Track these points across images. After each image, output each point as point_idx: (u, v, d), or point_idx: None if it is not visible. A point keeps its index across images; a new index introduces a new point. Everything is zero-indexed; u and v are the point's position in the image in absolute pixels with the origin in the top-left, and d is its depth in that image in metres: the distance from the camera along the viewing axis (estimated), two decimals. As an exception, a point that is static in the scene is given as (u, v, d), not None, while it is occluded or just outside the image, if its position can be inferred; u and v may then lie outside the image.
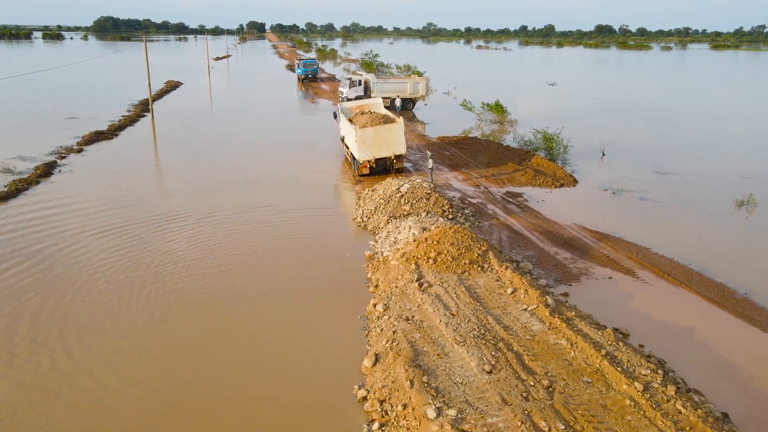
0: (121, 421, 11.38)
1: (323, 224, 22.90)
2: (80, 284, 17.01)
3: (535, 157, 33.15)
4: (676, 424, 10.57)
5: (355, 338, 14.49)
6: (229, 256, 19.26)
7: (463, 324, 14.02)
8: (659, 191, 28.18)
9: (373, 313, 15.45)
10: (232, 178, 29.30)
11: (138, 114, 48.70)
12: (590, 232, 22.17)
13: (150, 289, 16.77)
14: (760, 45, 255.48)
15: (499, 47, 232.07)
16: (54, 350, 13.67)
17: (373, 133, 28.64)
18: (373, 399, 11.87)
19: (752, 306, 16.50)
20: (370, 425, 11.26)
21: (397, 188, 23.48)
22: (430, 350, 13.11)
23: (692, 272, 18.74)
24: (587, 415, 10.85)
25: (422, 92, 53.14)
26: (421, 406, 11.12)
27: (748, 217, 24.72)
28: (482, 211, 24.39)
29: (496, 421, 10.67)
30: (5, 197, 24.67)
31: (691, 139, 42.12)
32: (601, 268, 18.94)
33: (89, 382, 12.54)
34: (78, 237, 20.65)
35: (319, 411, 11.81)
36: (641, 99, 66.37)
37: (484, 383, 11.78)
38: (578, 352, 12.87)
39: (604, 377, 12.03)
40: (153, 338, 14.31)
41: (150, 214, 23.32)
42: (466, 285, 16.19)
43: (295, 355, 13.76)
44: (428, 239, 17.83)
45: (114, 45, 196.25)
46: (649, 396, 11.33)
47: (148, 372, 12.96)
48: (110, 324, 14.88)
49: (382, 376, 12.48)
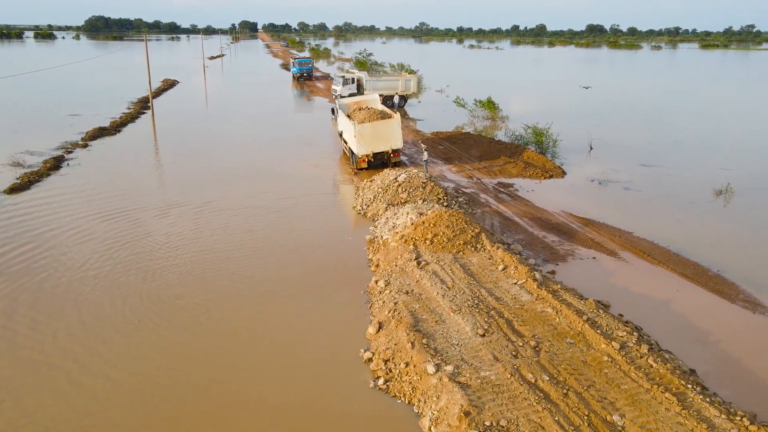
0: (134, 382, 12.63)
1: (326, 212, 24.21)
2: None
3: (525, 151, 34.55)
4: (647, 376, 11.95)
5: (359, 310, 15.79)
6: (240, 239, 20.50)
7: (458, 296, 15.35)
8: (643, 182, 29.66)
9: (374, 288, 16.75)
10: (236, 170, 30.49)
11: (138, 111, 49.74)
12: (577, 218, 23.57)
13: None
14: (749, 45, 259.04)
15: (491, 47, 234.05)
16: (70, 319, 14.90)
17: (371, 128, 29.85)
18: (378, 359, 13.17)
19: (723, 281, 17.94)
20: (375, 381, 12.56)
21: (395, 178, 24.77)
22: (429, 318, 14.43)
23: (670, 253, 20.17)
24: (569, 369, 12.21)
25: (413, 89, 54.35)
26: (422, 363, 12.44)
27: (726, 205, 26.20)
28: (475, 200, 25.75)
29: (489, 374, 12.00)
30: (20, 188, 25.77)
31: (675, 135, 43.72)
32: (586, 250, 20.34)
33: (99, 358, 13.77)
34: (96, 221, 21.84)
35: (329, 371, 13.08)
36: (630, 97, 68.07)
37: (477, 344, 13.11)
38: (562, 318, 14.24)
39: (585, 338, 13.40)
40: (168, 306, 15.56)
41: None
42: (460, 263, 17.52)
43: (303, 325, 15.03)
44: (425, 222, 19.16)
45: (106, 45, 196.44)
46: (624, 353, 12.71)
47: (173, 331, 14.21)
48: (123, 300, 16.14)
49: (385, 340, 13.78)
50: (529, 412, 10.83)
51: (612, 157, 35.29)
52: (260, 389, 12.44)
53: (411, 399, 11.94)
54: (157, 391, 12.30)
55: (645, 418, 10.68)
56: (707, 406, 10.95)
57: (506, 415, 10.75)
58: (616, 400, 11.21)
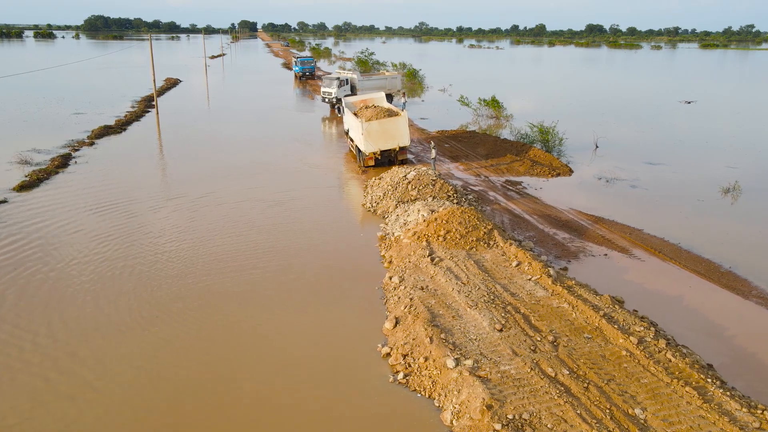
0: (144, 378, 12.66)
1: (336, 209, 24.26)
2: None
3: (531, 149, 34.59)
4: (666, 370, 12.00)
5: (374, 306, 15.83)
6: (250, 235, 20.53)
7: (473, 291, 15.39)
8: (650, 180, 29.71)
9: (389, 284, 16.79)
10: (241, 168, 30.53)
11: (142, 110, 49.73)
12: (586, 216, 23.62)
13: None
14: (748, 44, 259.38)
15: (491, 46, 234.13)
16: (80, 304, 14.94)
17: (378, 126, 29.92)
18: (396, 354, 13.21)
19: (735, 278, 18.00)
20: (395, 375, 12.60)
21: (404, 175, 24.83)
22: (445, 313, 14.47)
23: (681, 250, 20.22)
24: (589, 363, 12.26)
25: (399, 87, 53.16)
26: (441, 357, 12.48)
27: (733, 203, 26.26)
28: (484, 198, 25.80)
29: (509, 368, 12.05)
30: (29, 186, 25.80)
31: (679, 134, 43.79)
32: (597, 247, 20.39)
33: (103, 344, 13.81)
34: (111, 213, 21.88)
35: (348, 366, 13.11)
36: (633, 95, 68.13)
37: (496, 339, 13.16)
38: (579, 314, 14.28)
39: (603, 333, 13.45)
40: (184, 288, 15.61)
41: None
42: (474, 259, 17.57)
43: (320, 320, 15.07)
44: (438, 219, 19.20)
45: (106, 44, 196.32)
46: (642, 348, 12.76)
47: (189, 321, 14.25)
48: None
49: (403, 335, 13.82)
50: (551, 405, 10.88)
51: (617, 155, 35.33)
52: (279, 387, 12.43)
53: (431, 393, 11.98)
54: (179, 387, 12.34)
55: (666, 411, 10.73)
56: (728, 400, 11.00)
57: (528, 408, 10.80)
58: (636, 394, 11.25)
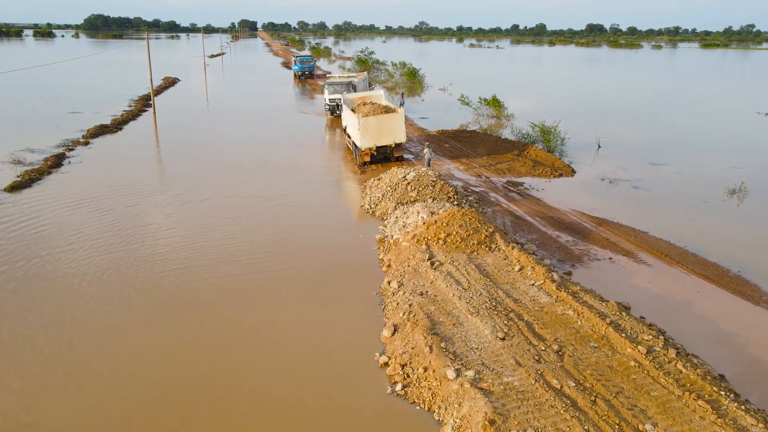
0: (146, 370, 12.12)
1: (334, 210, 23.73)
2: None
3: (533, 149, 34.04)
4: (677, 382, 11.45)
5: (372, 312, 15.28)
6: (246, 235, 19.99)
7: (475, 297, 14.84)
8: (653, 181, 29.15)
9: (387, 289, 16.23)
10: (240, 167, 29.98)
11: (139, 109, 49.18)
12: (589, 218, 23.07)
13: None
14: (749, 44, 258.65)
15: (491, 46, 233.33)
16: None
17: (375, 121, 29.68)
18: (394, 364, 12.66)
19: (745, 282, 17.45)
20: (393, 386, 12.05)
21: (404, 176, 24.27)
22: (446, 320, 13.92)
23: (688, 253, 19.67)
24: (595, 374, 11.71)
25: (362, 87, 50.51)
26: (441, 368, 11.94)
27: (740, 205, 25.71)
28: (485, 199, 25.24)
29: (512, 380, 11.50)
30: (20, 186, 25.26)
31: (682, 134, 43.22)
32: (602, 250, 19.83)
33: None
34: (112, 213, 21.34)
35: (345, 376, 12.57)
36: (635, 95, 67.56)
37: (498, 348, 12.61)
38: (584, 321, 13.73)
39: (610, 342, 12.90)
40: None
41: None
42: (475, 263, 17.01)
43: (315, 326, 14.52)
44: (438, 222, 18.65)
45: (105, 43, 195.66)
46: (651, 358, 12.21)
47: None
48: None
49: (401, 343, 13.27)
50: (557, 420, 10.33)
51: (620, 155, 34.77)
52: (274, 394, 11.92)
53: (431, 406, 11.44)
54: (168, 395, 11.80)
55: (679, 427, 10.19)
56: (743, 414, 10.46)
57: (533, 424, 10.25)
58: (647, 407, 10.70)
